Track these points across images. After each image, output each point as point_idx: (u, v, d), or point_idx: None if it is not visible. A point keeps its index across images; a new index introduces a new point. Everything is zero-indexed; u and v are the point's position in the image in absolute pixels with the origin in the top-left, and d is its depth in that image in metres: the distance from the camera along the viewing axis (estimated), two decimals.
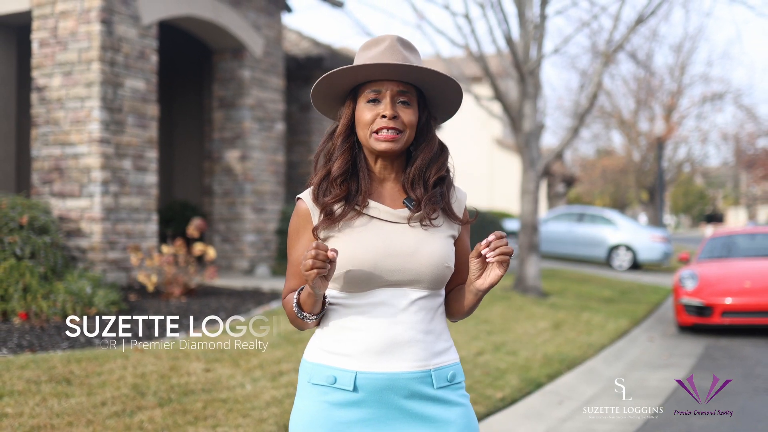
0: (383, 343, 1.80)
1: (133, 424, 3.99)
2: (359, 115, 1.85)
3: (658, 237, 18.79)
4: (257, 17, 10.55)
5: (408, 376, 1.80)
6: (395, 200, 1.88)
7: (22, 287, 6.40)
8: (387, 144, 1.82)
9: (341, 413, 1.80)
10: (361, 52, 1.89)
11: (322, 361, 1.85)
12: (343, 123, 1.89)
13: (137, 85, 8.51)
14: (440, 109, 1.96)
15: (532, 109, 11.35)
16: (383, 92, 1.83)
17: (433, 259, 1.81)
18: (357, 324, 1.82)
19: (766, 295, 8.75)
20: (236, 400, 4.56)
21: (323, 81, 1.86)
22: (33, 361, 4.86)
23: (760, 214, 50.18)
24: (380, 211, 1.85)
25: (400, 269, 1.80)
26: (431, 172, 1.87)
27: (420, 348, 1.81)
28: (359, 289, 1.82)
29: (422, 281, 1.82)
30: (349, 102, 1.89)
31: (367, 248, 1.80)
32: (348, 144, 1.88)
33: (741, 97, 27.89)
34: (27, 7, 8.58)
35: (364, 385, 1.79)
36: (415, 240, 1.82)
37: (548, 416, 5.27)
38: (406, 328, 1.81)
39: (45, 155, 8.34)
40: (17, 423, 3.80)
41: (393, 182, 1.90)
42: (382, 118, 1.81)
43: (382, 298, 1.82)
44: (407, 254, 1.80)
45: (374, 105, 1.83)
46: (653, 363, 7.34)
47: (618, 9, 11.61)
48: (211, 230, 10.67)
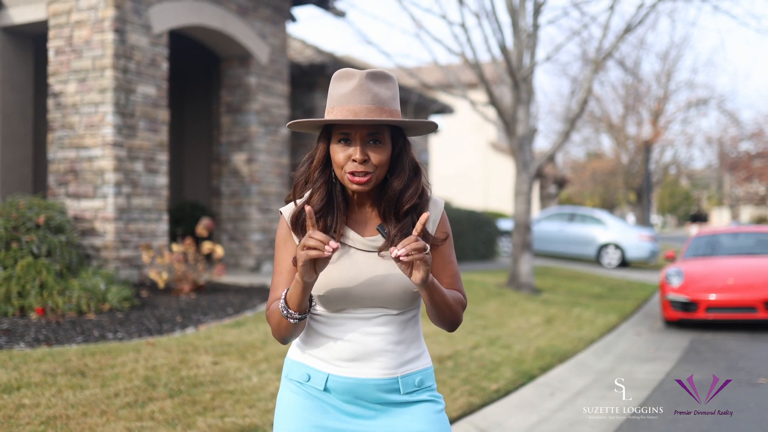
0: (354, 352, 1.83)
1: (144, 414, 3.99)
2: (333, 154, 1.83)
3: (645, 236, 18.78)
4: (263, 26, 10.54)
5: (375, 383, 1.83)
6: (371, 226, 1.87)
7: (38, 284, 6.40)
8: (358, 186, 1.80)
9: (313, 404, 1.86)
10: (333, 84, 1.84)
11: (300, 360, 1.91)
12: (318, 158, 1.87)
13: (149, 91, 8.51)
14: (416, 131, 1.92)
15: (525, 114, 11.35)
16: (354, 135, 1.80)
17: (400, 287, 1.81)
18: (332, 333, 1.86)
19: (748, 291, 8.75)
20: (243, 391, 4.56)
21: (294, 125, 1.86)
22: (49, 355, 4.86)
23: (743, 214, 50.17)
24: (354, 241, 1.85)
25: (369, 296, 1.82)
26: (402, 203, 1.84)
27: (389, 357, 1.84)
28: (334, 309, 1.85)
29: (391, 305, 1.84)
30: (323, 139, 1.87)
31: (339, 276, 1.81)
32: (324, 178, 1.87)
33: (724, 103, 27.93)
34: (44, 17, 8.58)
35: (335, 387, 1.84)
36: (385, 268, 1.82)
37: (541, 407, 5.27)
38: (377, 340, 1.83)
39: (61, 158, 8.34)
40: (34, 413, 3.80)
41: (370, 207, 1.89)
42: (353, 162, 1.79)
43: (355, 315, 1.85)
44: (377, 283, 1.81)
45: (345, 145, 1.80)
46: (641, 356, 7.34)
47: (607, 19, 11.61)
48: (219, 229, 10.67)
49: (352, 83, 1.80)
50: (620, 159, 28.44)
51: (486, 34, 11.37)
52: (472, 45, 11.30)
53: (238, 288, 8.48)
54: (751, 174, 30.21)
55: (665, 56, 25.86)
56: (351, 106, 1.78)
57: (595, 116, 27.07)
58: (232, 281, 8.92)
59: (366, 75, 1.80)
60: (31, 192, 9.22)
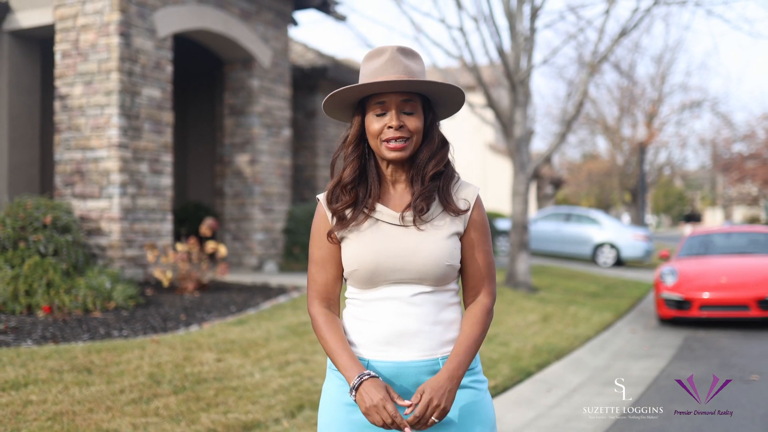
0: (391, 334, 1.81)
1: (149, 410, 3.99)
2: (368, 126, 1.84)
3: (640, 236, 18.77)
4: (265, 30, 10.54)
5: (415, 365, 1.80)
6: (404, 202, 1.87)
7: (45, 282, 6.40)
8: (396, 153, 1.82)
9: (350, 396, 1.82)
10: (365, 63, 1.87)
11: None
12: (352, 133, 1.88)
13: (153, 94, 8.51)
14: (444, 108, 1.94)
15: (523, 116, 11.35)
16: (388, 104, 1.82)
17: (431, 259, 1.80)
18: (368, 316, 1.84)
19: (740, 289, 8.74)
20: (246, 388, 4.56)
21: (330, 99, 1.86)
22: (56, 352, 4.86)
23: (736, 214, 50.18)
24: (384, 214, 1.85)
25: (400, 269, 1.81)
26: (429, 168, 1.86)
27: (426, 338, 1.81)
28: (366, 286, 1.84)
29: (424, 279, 1.82)
30: (357, 113, 1.88)
31: (370, 250, 1.81)
32: (357, 152, 1.88)
33: (717, 105, 27.91)
34: (50, 21, 8.58)
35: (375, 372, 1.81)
36: (415, 241, 1.81)
37: (537, 403, 5.27)
38: (413, 320, 1.81)
39: (67, 159, 8.34)
40: (41, 409, 3.80)
41: (404, 183, 1.89)
42: (389, 129, 1.81)
43: (390, 294, 1.83)
44: (407, 255, 1.80)
45: (381, 117, 1.83)
46: (635, 353, 7.34)
47: (603, 22, 11.60)
48: (223, 229, 10.67)
49: (384, 57, 1.83)
50: (615, 160, 28.44)
51: (484, 37, 11.37)
52: (470, 48, 11.30)
53: (241, 286, 8.48)
54: (743, 175, 30.21)
55: (660, 59, 25.86)
56: (385, 77, 1.81)
57: (590, 118, 27.06)
58: (235, 280, 8.92)
59: (397, 49, 1.84)
60: (38, 192, 9.22)
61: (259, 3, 10.42)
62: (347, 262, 1.83)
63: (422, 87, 1.82)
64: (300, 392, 4.57)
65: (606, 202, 38.41)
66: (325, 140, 13.00)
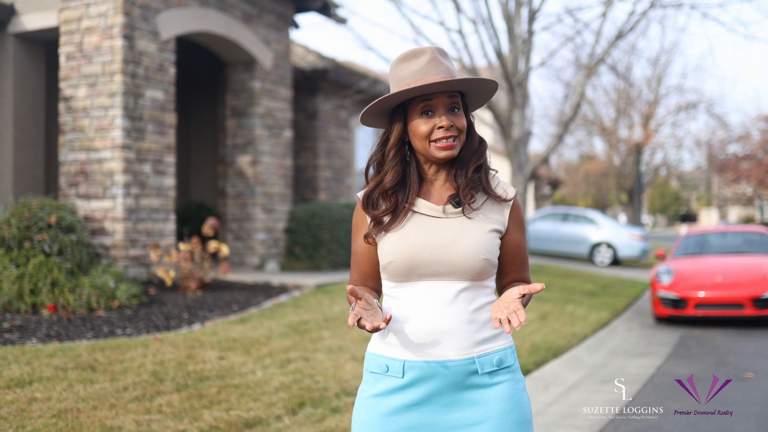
0: (427, 333, 1.77)
1: (152, 407, 3.99)
2: (415, 128, 1.81)
3: (636, 235, 18.77)
4: (267, 33, 10.54)
5: (452, 364, 1.76)
6: (442, 197, 1.85)
7: (50, 282, 6.40)
8: (447, 152, 1.79)
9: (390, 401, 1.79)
10: (399, 65, 1.83)
11: (377, 351, 1.85)
12: (395, 136, 1.84)
13: (156, 96, 8.51)
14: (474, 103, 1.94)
15: (521, 118, 11.35)
16: (436, 104, 1.79)
17: (469, 251, 1.76)
18: (404, 315, 1.80)
19: (735, 289, 8.74)
20: (248, 385, 4.56)
21: (378, 104, 1.82)
22: (60, 350, 4.86)
23: (731, 214, 50.18)
24: (422, 206, 1.83)
25: (437, 261, 1.77)
26: (471, 163, 1.85)
27: (461, 337, 1.77)
28: (402, 279, 1.80)
29: (460, 273, 1.77)
30: (398, 118, 1.84)
31: (406, 241, 1.78)
32: (399, 156, 1.84)
33: (713, 107, 27.93)
34: (55, 24, 8.58)
35: (412, 373, 1.78)
36: (454, 233, 1.78)
37: (535, 400, 5.26)
38: (448, 319, 1.77)
39: (71, 160, 8.34)
40: (46, 407, 3.80)
41: (443, 180, 1.87)
42: (440, 129, 1.78)
43: (425, 291, 1.79)
44: (444, 246, 1.77)
45: (429, 117, 1.79)
46: (632, 351, 7.34)
47: (599, 25, 11.61)
48: (225, 229, 10.67)
49: (424, 58, 1.80)
50: (612, 161, 28.45)
51: (482, 40, 11.38)
52: (469, 51, 11.30)
53: (243, 285, 8.48)
54: (738, 175, 30.20)
55: (656, 61, 25.87)
56: (429, 77, 1.78)
57: (587, 120, 27.06)
58: (237, 279, 8.92)
59: (436, 50, 1.82)
60: (42, 193, 9.22)
61: (261, 6, 10.42)
62: (383, 254, 1.80)
63: (470, 84, 1.81)
64: (301, 390, 4.57)
65: (603, 202, 38.41)
66: (325, 141, 13.01)
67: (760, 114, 29.76)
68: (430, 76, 1.78)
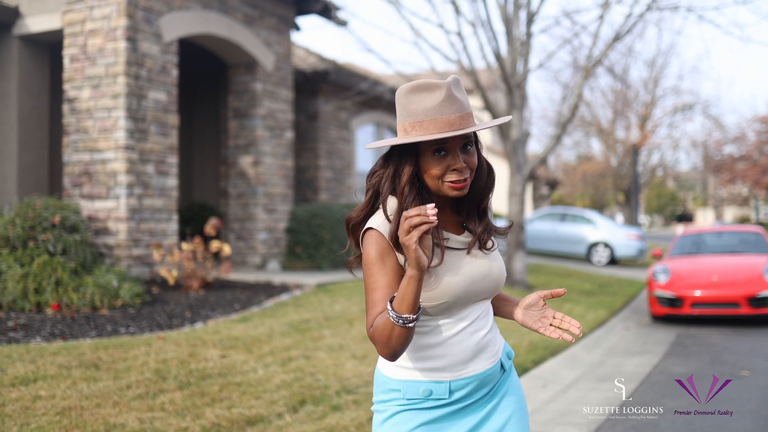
0: (470, 352, 1.81)
1: (155, 405, 3.99)
2: (427, 168, 1.75)
3: (633, 235, 18.77)
4: (268, 35, 10.54)
5: (488, 372, 1.84)
6: (455, 225, 1.85)
7: (54, 281, 6.40)
8: (459, 191, 1.76)
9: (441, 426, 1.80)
10: (411, 96, 1.74)
11: (414, 378, 1.81)
12: (408, 173, 1.76)
13: (159, 97, 8.51)
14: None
15: (519, 119, 11.35)
16: (451, 146, 1.74)
17: (502, 276, 1.86)
18: (444, 340, 1.79)
19: (731, 288, 8.74)
20: (249, 383, 4.56)
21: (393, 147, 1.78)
22: (64, 348, 4.86)
23: (727, 214, 50.19)
24: (452, 241, 1.81)
25: (483, 291, 1.82)
26: (483, 200, 1.87)
27: (491, 345, 1.86)
28: (445, 314, 1.79)
29: (492, 294, 1.87)
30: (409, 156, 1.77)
31: (458, 278, 1.77)
32: (415, 191, 1.77)
33: (709, 108, 27.91)
34: (59, 26, 8.58)
35: (457, 390, 1.81)
36: (483, 261, 1.83)
37: (533, 398, 5.26)
38: (483, 333, 1.84)
39: (75, 161, 8.34)
40: (50, 404, 3.80)
41: (448, 208, 1.86)
42: (453, 171, 1.74)
43: (463, 315, 1.81)
44: (483, 277, 1.81)
45: (442, 158, 1.74)
46: (629, 350, 7.34)
47: (597, 27, 11.61)
48: (227, 229, 10.67)
49: (440, 95, 1.72)
50: (609, 161, 28.44)
51: (481, 42, 11.37)
52: (468, 53, 11.30)
53: (245, 285, 8.48)
54: (734, 176, 30.20)
55: (652, 63, 25.86)
56: (444, 118, 1.71)
57: (585, 121, 27.06)
58: (239, 278, 8.92)
59: (452, 84, 1.74)
60: (47, 193, 9.22)
61: (263, 8, 10.42)
62: (436, 295, 1.73)
63: (488, 126, 1.79)
64: (302, 388, 4.57)
65: (600, 202, 38.40)
66: (326, 142, 13.01)
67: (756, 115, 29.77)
68: (445, 116, 1.70)
